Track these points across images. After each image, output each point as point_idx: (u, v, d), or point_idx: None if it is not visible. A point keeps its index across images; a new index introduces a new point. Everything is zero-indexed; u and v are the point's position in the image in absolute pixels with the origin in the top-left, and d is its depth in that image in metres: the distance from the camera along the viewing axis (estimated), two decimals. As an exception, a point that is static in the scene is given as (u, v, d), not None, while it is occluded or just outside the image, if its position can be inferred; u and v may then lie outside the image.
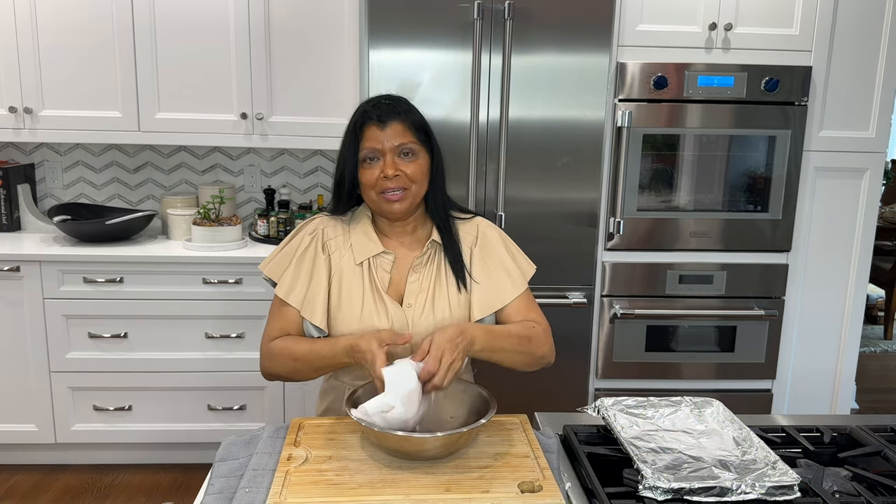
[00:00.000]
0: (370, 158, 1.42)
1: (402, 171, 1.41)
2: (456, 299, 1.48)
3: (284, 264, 1.51)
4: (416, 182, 1.43)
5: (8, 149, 3.15)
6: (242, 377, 2.81)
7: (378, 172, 1.41)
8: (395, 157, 1.41)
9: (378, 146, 1.41)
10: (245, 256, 2.74)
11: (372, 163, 1.42)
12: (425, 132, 1.47)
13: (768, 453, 1.22)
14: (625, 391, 2.65)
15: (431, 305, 1.46)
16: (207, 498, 1.17)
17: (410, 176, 1.42)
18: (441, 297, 1.47)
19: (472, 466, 1.22)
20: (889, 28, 2.57)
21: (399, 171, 1.41)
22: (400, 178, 1.41)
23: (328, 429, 1.35)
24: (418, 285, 1.48)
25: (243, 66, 2.81)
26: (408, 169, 1.42)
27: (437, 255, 1.51)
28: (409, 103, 1.48)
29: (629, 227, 2.62)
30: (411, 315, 1.46)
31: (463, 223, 1.55)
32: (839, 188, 2.68)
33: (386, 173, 1.40)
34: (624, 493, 1.16)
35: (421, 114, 1.48)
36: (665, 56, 2.54)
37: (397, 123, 1.41)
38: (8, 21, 2.73)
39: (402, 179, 1.41)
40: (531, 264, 1.59)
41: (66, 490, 2.73)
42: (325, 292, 1.47)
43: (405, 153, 1.42)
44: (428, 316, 1.46)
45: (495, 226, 1.59)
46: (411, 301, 1.47)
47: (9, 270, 2.67)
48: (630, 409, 1.39)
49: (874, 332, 4.86)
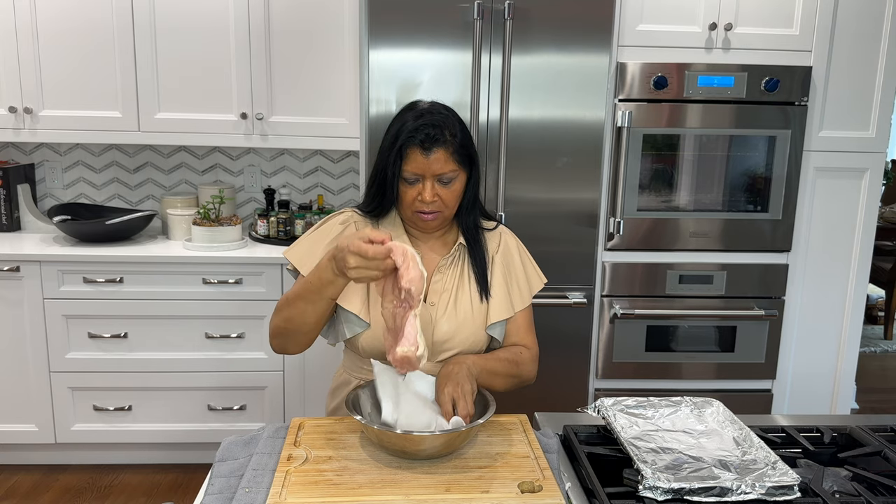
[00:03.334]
0: (410, 180, 1.42)
1: (439, 197, 1.43)
2: (477, 303, 1.51)
3: (315, 250, 1.48)
4: (449, 206, 1.46)
5: (8, 149, 3.15)
6: (242, 377, 2.81)
7: (416, 194, 1.42)
8: (435, 184, 1.42)
9: (420, 171, 1.41)
10: (245, 256, 2.74)
11: (412, 184, 1.43)
12: (468, 154, 1.45)
13: (768, 453, 1.22)
14: (625, 391, 2.65)
15: (454, 305, 1.49)
16: (207, 498, 1.17)
17: (445, 201, 1.44)
18: (463, 298, 1.50)
19: (472, 466, 1.22)
20: (889, 28, 2.56)
21: (436, 197, 1.42)
22: (436, 203, 1.43)
23: (328, 429, 1.35)
24: (442, 285, 1.50)
25: (243, 66, 2.81)
26: (444, 194, 1.43)
27: (461, 259, 1.54)
28: (456, 123, 1.44)
29: (629, 227, 2.62)
30: (434, 313, 1.48)
31: (488, 233, 1.59)
32: (839, 188, 2.68)
33: (423, 198, 1.41)
34: (624, 493, 1.16)
35: (466, 133, 1.46)
36: (665, 56, 2.54)
37: (441, 151, 1.40)
38: (8, 21, 2.73)
39: (438, 204, 1.43)
40: (541, 278, 1.62)
41: (66, 490, 2.73)
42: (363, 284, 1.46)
43: (445, 182, 1.43)
44: (451, 315, 1.48)
45: (514, 235, 1.63)
46: (435, 300, 1.49)
47: (9, 270, 2.67)
48: (630, 409, 1.39)
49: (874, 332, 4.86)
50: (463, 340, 1.48)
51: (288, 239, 2.97)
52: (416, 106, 1.46)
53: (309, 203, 3.16)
